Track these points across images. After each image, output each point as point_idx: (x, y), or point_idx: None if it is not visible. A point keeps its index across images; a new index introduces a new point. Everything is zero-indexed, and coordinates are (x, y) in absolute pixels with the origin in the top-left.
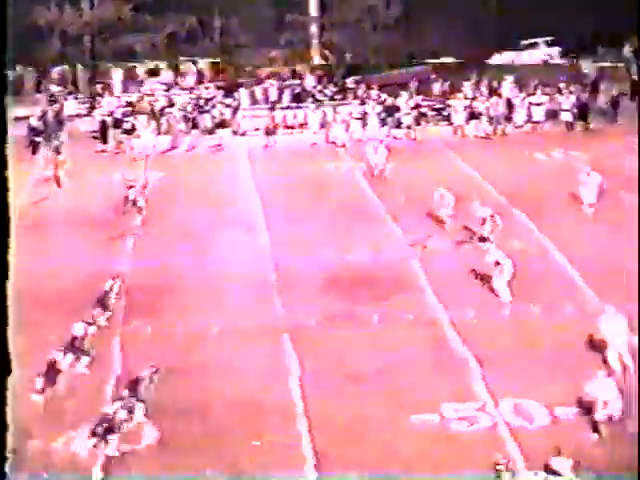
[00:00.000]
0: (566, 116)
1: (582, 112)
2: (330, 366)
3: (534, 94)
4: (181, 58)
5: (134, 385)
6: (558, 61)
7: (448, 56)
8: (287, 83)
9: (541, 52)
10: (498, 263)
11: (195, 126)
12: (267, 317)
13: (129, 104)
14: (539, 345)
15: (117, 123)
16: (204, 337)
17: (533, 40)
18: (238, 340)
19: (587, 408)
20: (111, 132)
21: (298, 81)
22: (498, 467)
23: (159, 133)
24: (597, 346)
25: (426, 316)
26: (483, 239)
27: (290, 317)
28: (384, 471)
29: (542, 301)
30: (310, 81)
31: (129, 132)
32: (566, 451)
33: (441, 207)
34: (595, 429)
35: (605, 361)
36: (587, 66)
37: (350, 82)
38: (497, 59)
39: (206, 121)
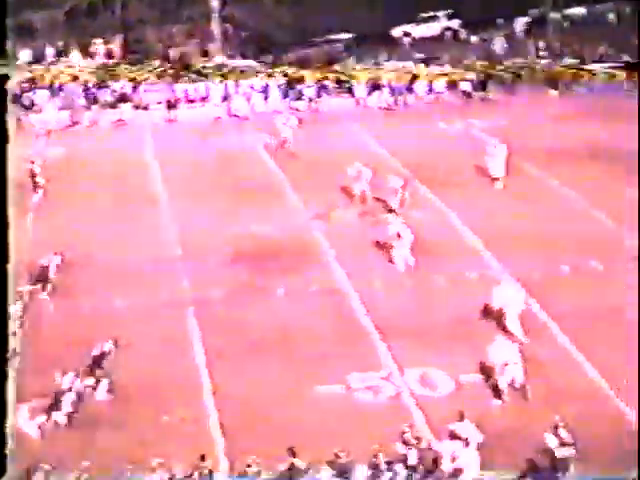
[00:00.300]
0: (465, 86)
1: (482, 82)
2: (235, 339)
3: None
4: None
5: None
6: (465, 36)
7: (350, 31)
8: (188, 57)
9: (440, 25)
10: (399, 235)
11: (96, 101)
12: (172, 291)
13: (29, 80)
14: (443, 314)
15: (16, 99)
16: (109, 313)
17: (433, 13)
18: (144, 315)
19: (489, 374)
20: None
21: (201, 56)
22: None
23: (60, 108)
24: (495, 314)
25: (331, 287)
26: (390, 210)
27: (195, 291)
28: None
29: (445, 271)
30: (212, 53)
31: (29, 108)
32: (470, 417)
33: (357, 181)
34: (497, 395)
35: (504, 328)
36: (495, 41)
37: (251, 56)
38: (396, 31)
39: (106, 95)
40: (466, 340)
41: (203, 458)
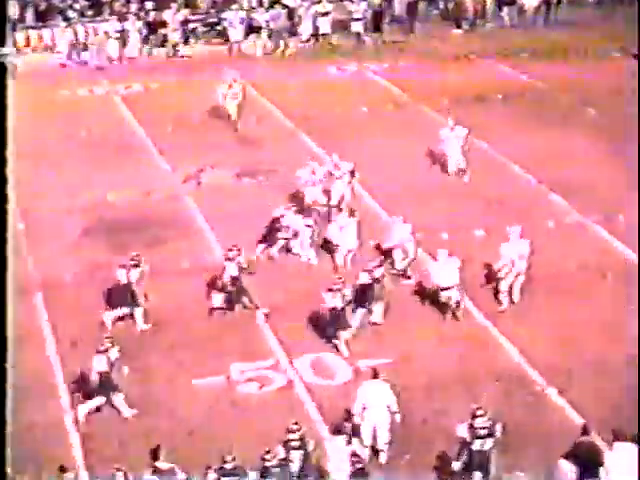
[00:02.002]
0: (357, 27)
1: (375, 22)
2: (93, 329)
3: (319, 2)
4: None
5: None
6: None
7: None
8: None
9: None
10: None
11: None
12: (17, 274)
13: None
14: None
15: None
16: None
17: None
18: None
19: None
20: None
21: None
22: (291, 435)
23: None
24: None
25: (205, 262)
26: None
27: (43, 273)
28: None
29: None
30: None
31: None
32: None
33: (310, 187)
34: None
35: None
36: None
37: None
38: None
39: None
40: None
41: (63, 470)
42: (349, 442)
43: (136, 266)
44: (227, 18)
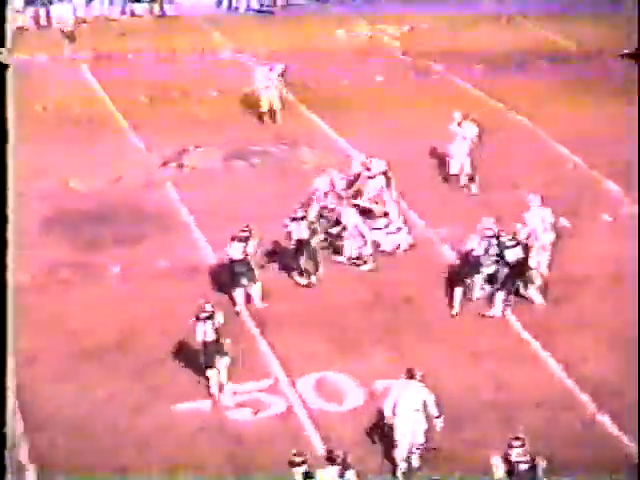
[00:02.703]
0: None
1: None
2: (55, 337)
3: None
4: None
5: None
6: None
7: None
8: None
9: None
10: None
11: None
12: None
13: None
14: (345, 296)
15: None
16: None
17: None
18: None
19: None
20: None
21: None
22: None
23: None
24: None
25: (188, 262)
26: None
27: None
28: None
29: None
30: None
31: None
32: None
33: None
34: None
35: None
36: None
37: None
38: None
39: None
40: (384, 334)
41: None
42: (342, 474)
43: (247, 239)
44: None
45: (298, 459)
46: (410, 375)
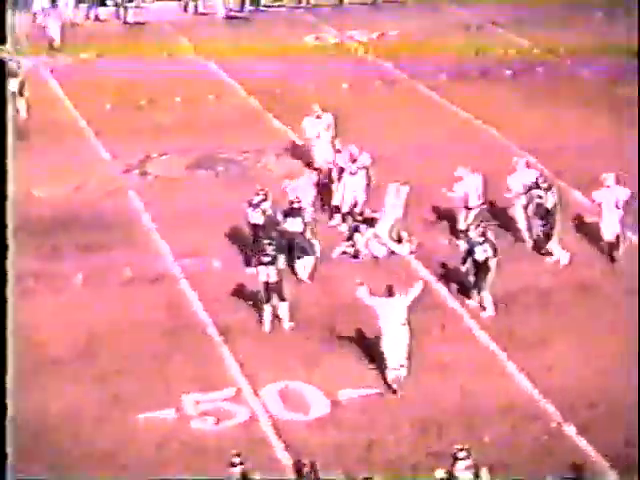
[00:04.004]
0: None
1: None
2: (18, 347)
3: None
4: None
5: None
6: None
7: None
8: None
9: None
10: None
11: None
12: None
13: None
14: (313, 304)
15: None
16: None
17: None
18: None
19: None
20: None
21: None
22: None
23: None
24: None
25: (152, 270)
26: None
27: None
28: None
29: None
30: None
31: None
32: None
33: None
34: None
35: None
36: None
37: None
38: None
39: None
40: (349, 343)
41: None
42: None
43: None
44: None
45: (235, 460)
46: (390, 293)
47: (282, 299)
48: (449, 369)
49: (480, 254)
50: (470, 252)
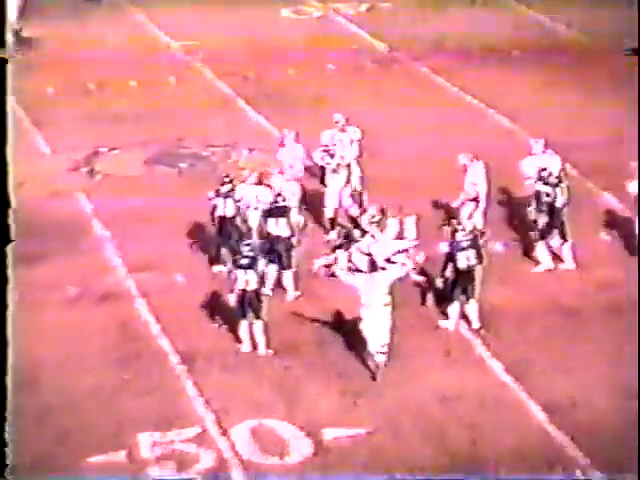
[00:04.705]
0: None
1: None
2: None
3: None
4: None
5: None
6: None
7: None
8: None
9: None
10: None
11: None
12: None
13: None
14: (292, 329)
15: None
16: None
17: None
18: None
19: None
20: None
21: None
22: None
23: None
24: None
25: (102, 287)
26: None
27: None
28: None
29: None
30: None
31: None
32: None
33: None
34: None
35: None
36: None
37: None
38: None
39: None
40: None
41: None
42: None
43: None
44: None
45: None
46: (373, 268)
47: (258, 317)
48: (453, 401)
49: (462, 261)
50: (451, 257)
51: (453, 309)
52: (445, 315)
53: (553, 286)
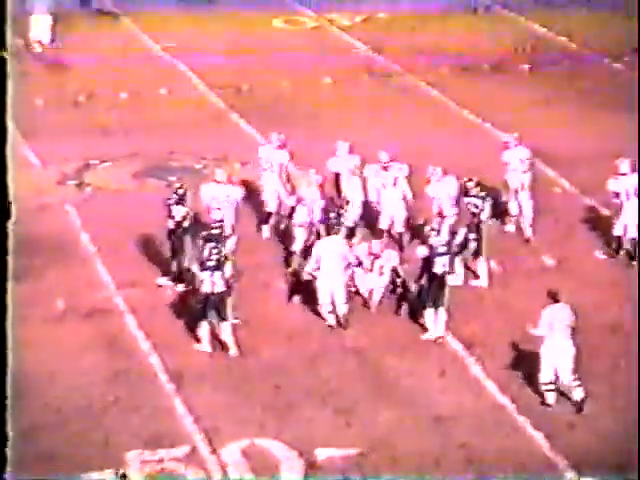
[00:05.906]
0: None
1: None
2: None
3: None
4: None
5: None
6: None
7: None
8: None
9: None
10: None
11: None
12: None
13: None
14: (282, 346)
15: None
16: None
17: None
18: None
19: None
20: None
21: None
22: None
23: None
24: None
25: (90, 302)
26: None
27: None
28: None
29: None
30: None
31: None
32: None
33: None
34: None
35: None
36: None
37: None
38: None
39: None
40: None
41: None
42: None
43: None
44: None
45: None
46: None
47: (223, 318)
48: (448, 423)
49: (439, 267)
50: (429, 262)
51: (428, 317)
52: (423, 327)
53: None
